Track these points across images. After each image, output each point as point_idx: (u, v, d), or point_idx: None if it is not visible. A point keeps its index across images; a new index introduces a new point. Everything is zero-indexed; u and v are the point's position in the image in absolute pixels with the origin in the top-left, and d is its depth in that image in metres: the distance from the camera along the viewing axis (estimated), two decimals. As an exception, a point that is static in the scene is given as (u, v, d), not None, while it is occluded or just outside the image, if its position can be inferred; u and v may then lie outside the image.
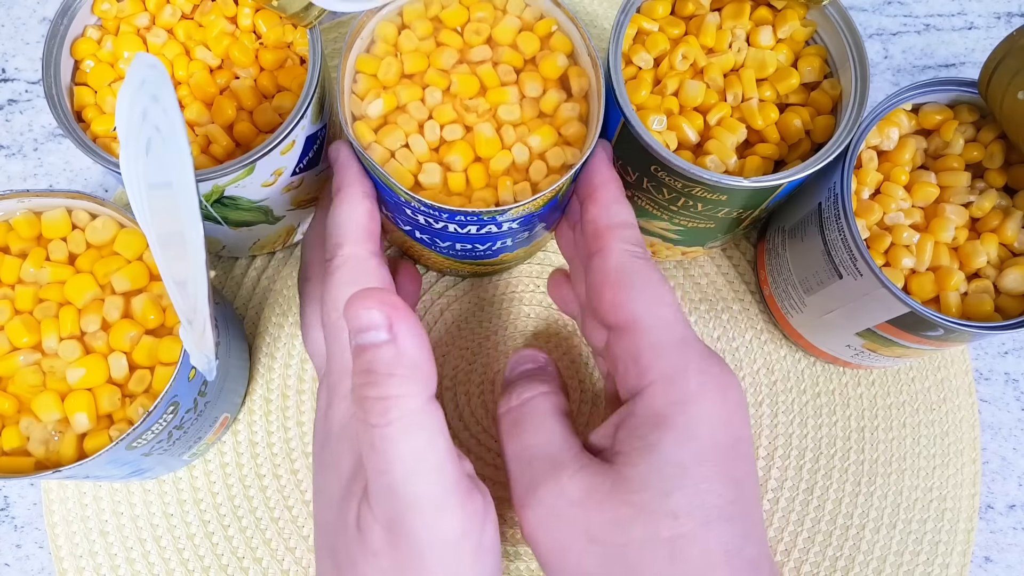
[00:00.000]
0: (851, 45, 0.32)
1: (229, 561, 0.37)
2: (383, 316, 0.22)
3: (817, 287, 0.34)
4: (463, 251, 0.33)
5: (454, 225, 0.29)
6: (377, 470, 0.23)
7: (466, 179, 0.30)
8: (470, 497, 0.24)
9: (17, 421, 0.29)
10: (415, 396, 0.23)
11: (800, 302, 0.37)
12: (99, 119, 0.32)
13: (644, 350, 0.26)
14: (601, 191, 0.29)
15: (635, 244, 0.28)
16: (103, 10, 0.32)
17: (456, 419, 0.39)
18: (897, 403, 0.40)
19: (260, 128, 0.32)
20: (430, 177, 0.30)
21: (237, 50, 0.32)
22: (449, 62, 0.31)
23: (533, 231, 0.33)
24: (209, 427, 0.35)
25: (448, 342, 0.40)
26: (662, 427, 0.25)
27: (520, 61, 0.31)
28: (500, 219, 0.29)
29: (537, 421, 0.29)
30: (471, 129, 0.30)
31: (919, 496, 0.39)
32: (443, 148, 0.30)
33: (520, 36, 0.31)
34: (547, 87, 0.31)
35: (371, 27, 0.31)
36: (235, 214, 0.34)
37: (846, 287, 0.32)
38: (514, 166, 0.30)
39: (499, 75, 0.31)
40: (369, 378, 0.23)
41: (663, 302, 0.27)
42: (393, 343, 0.22)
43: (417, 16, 0.31)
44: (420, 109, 0.30)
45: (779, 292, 0.38)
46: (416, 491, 0.23)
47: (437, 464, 0.23)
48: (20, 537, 0.38)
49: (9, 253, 0.31)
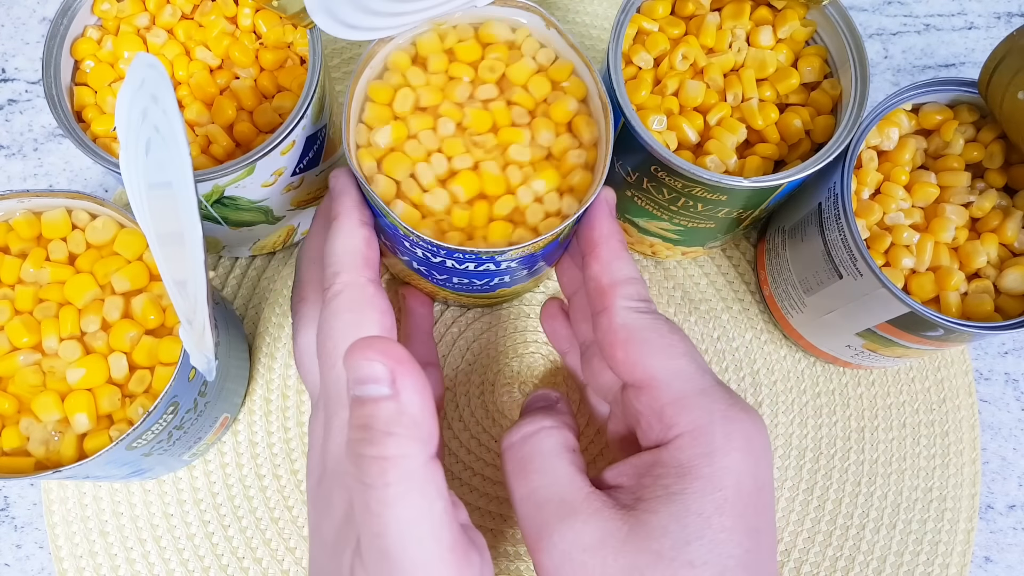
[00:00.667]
0: (851, 45, 0.32)
1: (229, 561, 0.37)
2: (385, 369, 0.21)
3: (817, 287, 0.34)
4: (460, 285, 0.33)
5: (452, 261, 0.29)
6: (371, 532, 0.22)
7: (469, 215, 0.30)
8: (466, 559, 0.24)
9: (17, 421, 0.29)
10: (414, 457, 0.22)
11: (800, 302, 0.37)
12: (99, 119, 0.32)
13: (667, 406, 0.26)
14: (602, 247, 0.29)
15: (639, 300, 0.28)
16: (103, 10, 0.32)
17: (456, 419, 0.39)
18: (897, 403, 0.40)
19: (260, 128, 0.32)
20: (436, 202, 0.29)
21: (237, 50, 0.32)
22: (463, 96, 0.30)
23: (532, 269, 0.33)
24: (209, 427, 0.35)
25: (449, 343, 0.40)
26: (687, 477, 0.25)
27: (531, 104, 0.30)
28: (499, 259, 0.29)
29: (543, 460, 0.28)
30: (478, 166, 0.30)
31: (919, 496, 0.39)
32: (449, 180, 0.30)
33: (532, 79, 0.30)
34: (557, 132, 0.30)
35: (382, 56, 0.31)
36: (235, 214, 0.34)
37: (846, 287, 0.32)
38: (517, 209, 0.30)
39: (512, 116, 0.30)
40: (367, 434, 0.22)
41: (677, 353, 0.27)
42: (395, 399, 0.22)
43: (432, 49, 0.31)
44: (431, 138, 0.30)
45: (779, 292, 0.38)
46: (411, 557, 0.22)
47: (433, 530, 0.23)
48: (20, 537, 0.38)
49: (9, 253, 0.31)
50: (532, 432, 0.28)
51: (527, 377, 0.39)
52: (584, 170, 0.30)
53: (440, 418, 0.38)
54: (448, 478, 0.38)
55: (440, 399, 0.38)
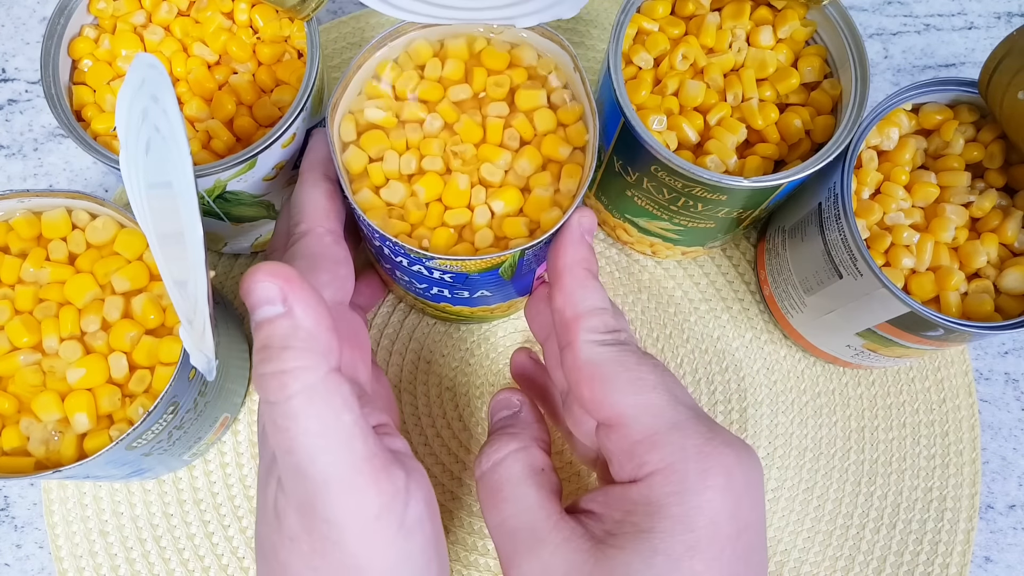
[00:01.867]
0: (851, 45, 0.32)
1: (229, 561, 0.37)
2: (276, 288, 0.22)
3: (817, 287, 0.34)
4: (402, 280, 0.32)
5: (387, 248, 0.29)
6: (283, 450, 0.22)
7: (424, 215, 0.30)
8: (386, 472, 0.23)
9: (17, 421, 0.29)
10: (314, 369, 0.22)
11: (800, 302, 0.37)
12: (99, 117, 0.32)
13: (636, 444, 0.25)
14: (565, 276, 0.27)
15: (604, 332, 0.26)
16: (99, 9, 0.32)
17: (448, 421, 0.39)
18: (897, 403, 0.40)
19: (260, 123, 0.32)
20: (392, 195, 0.30)
21: (234, 45, 0.32)
22: (459, 96, 0.31)
23: (473, 294, 0.32)
24: (209, 427, 0.35)
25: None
26: (656, 516, 0.24)
27: (530, 134, 0.30)
28: (428, 263, 0.29)
29: (511, 489, 0.27)
30: (450, 171, 0.30)
31: (919, 496, 0.39)
32: (415, 176, 0.30)
33: (539, 112, 0.30)
34: (539, 168, 0.30)
35: (404, 40, 0.31)
36: (237, 209, 0.34)
37: (846, 287, 0.32)
38: (468, 226, 0.30)
39: (504, 138, 0.30)
40: (265, 354, 0.22)
41: (647, 387, 0.25)
42: (288, 316, 0.22)
43: (457, 53, 0.31)
44: (415, 130, 0.30)
45: (779, 292, 0.38)
46: (323, 470, 0.22)
47: (344, 439, 0.22)
48: (20, 537, 0.38)
49: (9, 253, 0.31)
50: (499, 460, 0.28)
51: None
52: (554, 208, 0.29)
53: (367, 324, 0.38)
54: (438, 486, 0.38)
55: (370, 303, 0.38)
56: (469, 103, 0.31)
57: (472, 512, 0.38)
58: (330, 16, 0.45)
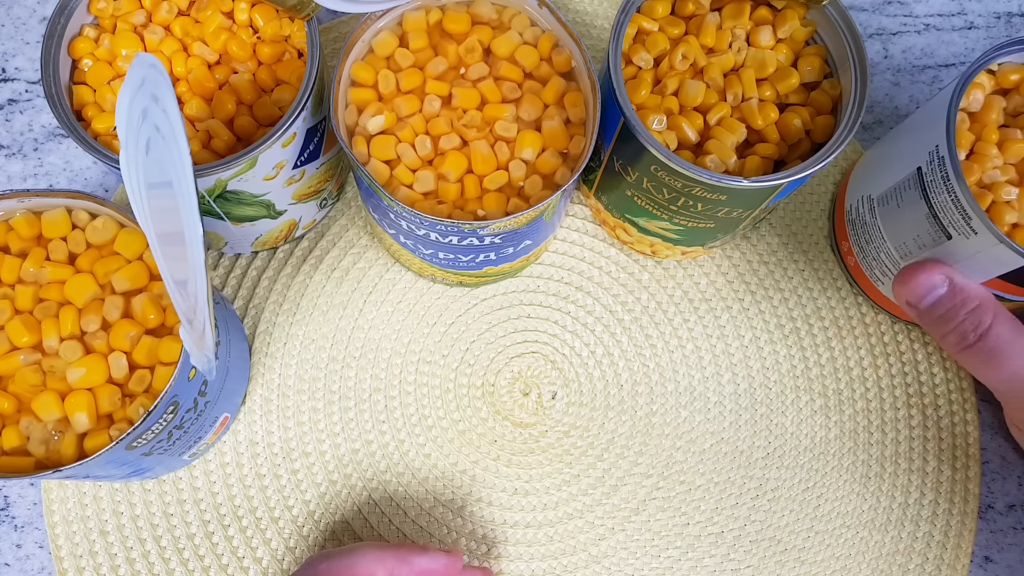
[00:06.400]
0: (851, 45, 0.32)
1: (229, 561, 0.37)
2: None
3: (918, 251, 0.35)
4: (445, 260, 0.33)
5: (435, 234, 0.30)
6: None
7: (460, 189, 0.31)
8: None
9: (17, 421, 0.29)
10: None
11: (894, 268, 0.37)
12: (99, 117, 0.32)
13: None
14: None
15: None
16: (99, 8, 0.32)
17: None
18: (897, 403, 0.40)
19: (260, 122, 0.32)
20: (423, 185, 0.30)
21: (235, 45, 0.32)
22: (439, 69, 0.31)
23: (518, 247, 0.33)
24: (209, 427, 0.35)
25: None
26: None
27: (519, 75, 0.31)
28: (482, 233, 0.29)
29: (1008, 347, 0.32)
30: (467, 143, 0.31)
31: (919, 496, 0.39)
32: (437, 160, 0.31)
33: (520, 49, 0.32)
34: (544, 105, 0.32)
35: (367, 37, 0.31)
36: (238, 209, 0.34)
37: (956, 247, 0.32)
38: (508, 183, 0.30)
39: (503, 92, 0.31)
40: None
41: None
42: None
43: (417, 26, 0.32)
44: (419, 120, 0.31)
45: (867, 261, 0.38)
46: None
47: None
48: (20, 537, 0.38)
49: (9, 253, 0.31)
50: (985, 330, 0.32)
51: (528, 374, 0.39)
52: (574, 138, 0.31)
53: None
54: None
55: None
56: (451, 75, 0.32)
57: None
58: (330, 16, 0.45)
